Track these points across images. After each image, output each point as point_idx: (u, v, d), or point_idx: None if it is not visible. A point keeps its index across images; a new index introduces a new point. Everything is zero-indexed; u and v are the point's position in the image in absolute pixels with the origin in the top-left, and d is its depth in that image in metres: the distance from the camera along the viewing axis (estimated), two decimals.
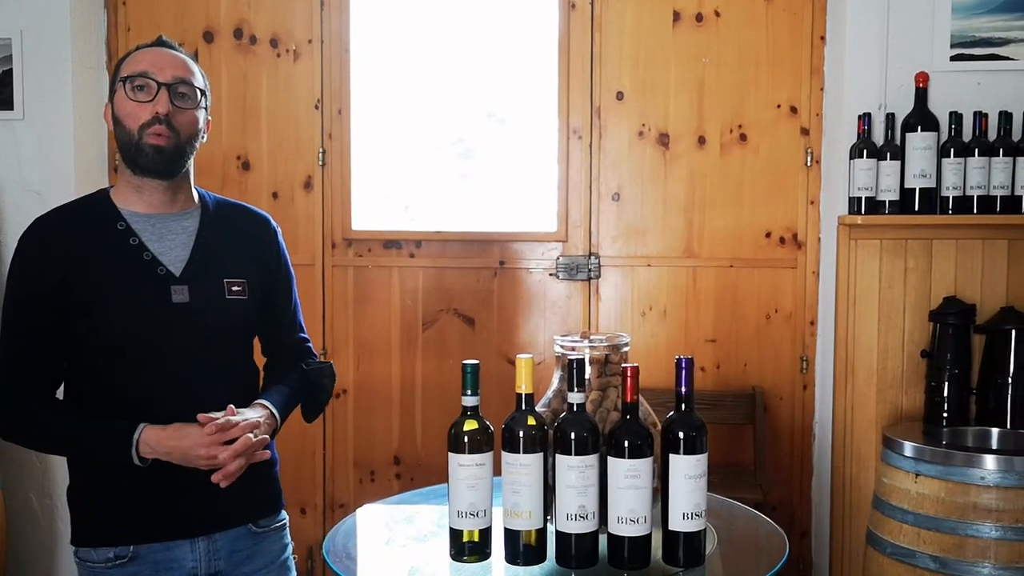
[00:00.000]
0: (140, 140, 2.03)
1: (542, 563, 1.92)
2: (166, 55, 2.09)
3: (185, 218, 2.14)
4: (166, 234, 2.10)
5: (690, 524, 1.88)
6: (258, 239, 2.26)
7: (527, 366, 1.91)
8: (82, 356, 2.07)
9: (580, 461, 1.86)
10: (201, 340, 2.08)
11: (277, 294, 2.29)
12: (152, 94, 2.03)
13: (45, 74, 3.75)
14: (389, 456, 4.01)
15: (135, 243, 2.06)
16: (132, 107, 2.04)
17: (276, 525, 2.25)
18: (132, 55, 2.10)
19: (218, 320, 2.11)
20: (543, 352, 3.86)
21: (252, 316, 2.20)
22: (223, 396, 2.09)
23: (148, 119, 2.02)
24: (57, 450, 2.17)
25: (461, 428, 1.92)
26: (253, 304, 2.18)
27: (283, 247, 2.32)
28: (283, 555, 2.27)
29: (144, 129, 2.02)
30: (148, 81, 2.04)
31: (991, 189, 3.38)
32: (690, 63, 3.80)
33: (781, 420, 3.83)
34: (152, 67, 2.05)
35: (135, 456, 1.97)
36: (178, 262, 2.09)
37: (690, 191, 3.82)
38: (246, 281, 2.16)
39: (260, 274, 2.21)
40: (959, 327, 3.38)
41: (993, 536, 2.86)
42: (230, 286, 2.13)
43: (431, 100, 4.08)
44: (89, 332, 2.03)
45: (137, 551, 2.07)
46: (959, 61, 3.48)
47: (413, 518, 2.28)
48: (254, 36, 3.94)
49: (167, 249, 2.09)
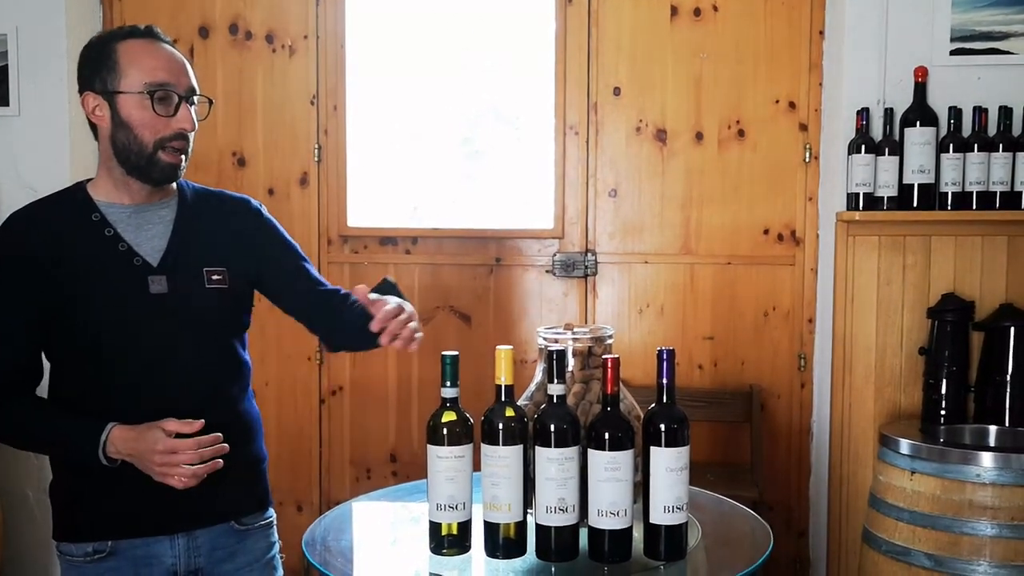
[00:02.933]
0: (155, 154, 2.00)
1: (522, 556, 1.90)
2: (175, 58, 2.05)
3: (162, 208, 2.10)
4: (143, 224, 2.06)
5: (671, 517, 1.85)
6: (239, 224, 2.20)
7: (507, 357, 1.89)
8: (62, 351, 2.05)
9: (560, 453, 1.84)
10: (181, 332, 2.05)
11: (284, 265, 2.24)
12: (172, 107, 2.00)
13: (41, 70, 3.75)
14: (385, 454, 3.99)
15: (110, 234, 2.03)
16: (152, 119, 1.99)
17: (261, 523, 2.22)
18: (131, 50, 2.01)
19: (198, 310, 2.07)
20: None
21: (237, 305, 2.16)
22: (207, 391, 2.07)
23: (169, 134, 2.00)
24: (34, 448, 2.16)
25: (440, 420, 1.90)
26: (237, 292, 2.14)
27: (270, 221, 2.26)
28: (268, 553, 2.24)
29: (163, 143, 2.00)
30: (170, 93, 2.00)
31: (990, 185, 3.35)
32: (688, 58, 3.77)
33: (779, 418, 3.79)
34: (171, 76, 2.01)
35: (102, 457, 1.95)
36: (155, 252, 2.05)
37: (687, 188, 3.79)
38: (227, 270, 2.11)
39: (246, 259, 2.16)
40: (957, 324, 3.35)
41: (989, 534, 2.83)
42: (210, 275, 2.09)
43: (428, 96, 4.06)
44: (66, 326, 2.01)
45: (116, 546, 2.05)
46: (959, 55, 3.45)
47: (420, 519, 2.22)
48: (249, 32, 3.93)
49: (144, 240, 2.05)
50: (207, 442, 1.92)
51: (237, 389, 2.17)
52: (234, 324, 2.19)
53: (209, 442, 1.93)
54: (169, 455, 1.90)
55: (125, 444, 1.94)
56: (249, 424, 2.20)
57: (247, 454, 2.17)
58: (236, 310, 2.17)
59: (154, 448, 1.90)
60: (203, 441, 1.92)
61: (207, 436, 1.93)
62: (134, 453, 1.94)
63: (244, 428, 2.17)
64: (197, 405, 2.02)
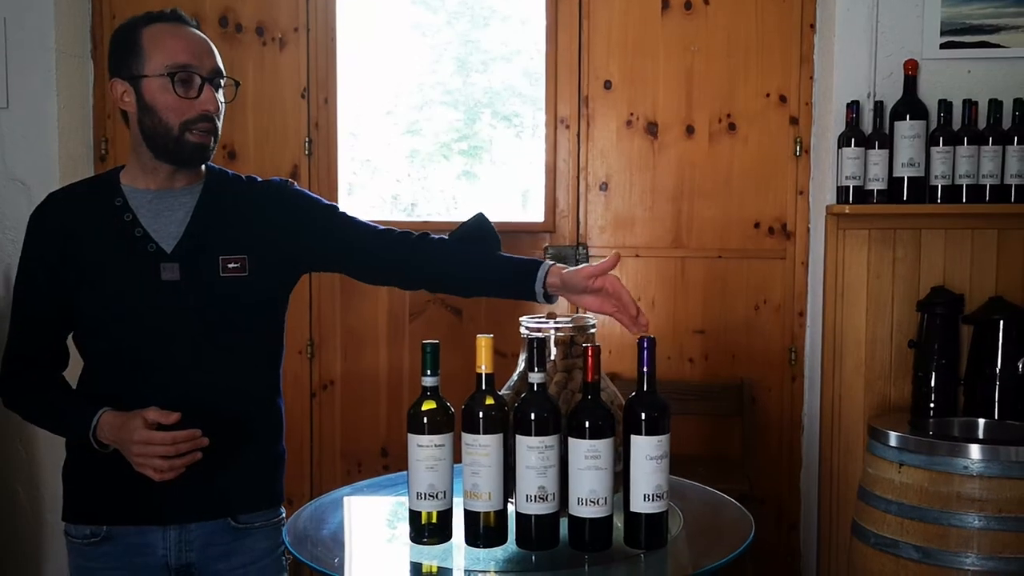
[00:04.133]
0: (182, 136, 1.99)
1: (503, 545, 1.89)
2: (198, 40, 2.04)
3: (185, 194, 2.08)
4: (163, 210, 2.06)
5: (652, 506, 1.84)
6: (263, 207, 2.14)
7: (487, 346, 1.88)
8: (81, 337, 2.08)
9: (540, 442, 1.83)
10: (195, 320, 2.03)
11: (331, 232, 2.16)
12: (196, 89, 1.99)
13: (29, 62, 3.73)
14: (376, 447, 3.99)
15: (129, 219, 2.04)
16: (175, 102, 1.98)
17: (263, 523, 2.17)
18: (156, 34, 2.00)
19: (213, 299, 2.04)
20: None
21: (259, 294, 2.10)
22: (219, 382, 2.06)
23: (194, 116, 1.99)
24: (42, 425, 2.16)
25: (420, 408, 1.90)
26: (260, 280, 2.08)
27: (304, 194, 2.19)
28: (271, 555, 2.19)
29: (189, 126, 1.99)
30: (192, 75, 1.99)
31: (980, 178, 3.34)
32: (679, 52, 3.76)
33: (770, 412, 3.79)
34: (193, 59, 1.99)
35: (93, 441, 1.96)
36: (171, 239, 2.04)
37: (678, 181, 3.79)
38: (246, 257, 2.07)
39: (275, 243, 2.10)
40: (947, 317, 3.35)
41: (976, 526, 2.82)
42: (225, 263, 2.05)
43: (420, 89, 4.06)
44: (81, 310, 2.03)
45: (111, 532, 2.07)
46: (949, 48, 3.44)
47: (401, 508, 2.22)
48: (240, 24, 3.92)
49: (162, 226, 2.04)
50: (182, 437, 1.90)
51: (255, 382, 2.14)
52: (256, 314, 2.13)
53: (184, 437, 1.90)
54: (144, 445, 1.89)
55: (112, 430, 1.94)
56: (262, 421, 2.17)
57: (254, 451, 2.15)
58: (259, 299, 2.11)
59: (132, 438, 1.90)
60: (179, 436, 1.90)
61: (183, 432, 1.90)
62: (117, 440, 1.94)
63: (255, 424, 2.14)
64: (209, 396, 2.02)
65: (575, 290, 2.04)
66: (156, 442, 1.88)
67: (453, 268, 2.17)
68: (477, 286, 2.27)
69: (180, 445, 1.90)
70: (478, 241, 2.18)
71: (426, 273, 2.20)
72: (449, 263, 2.17)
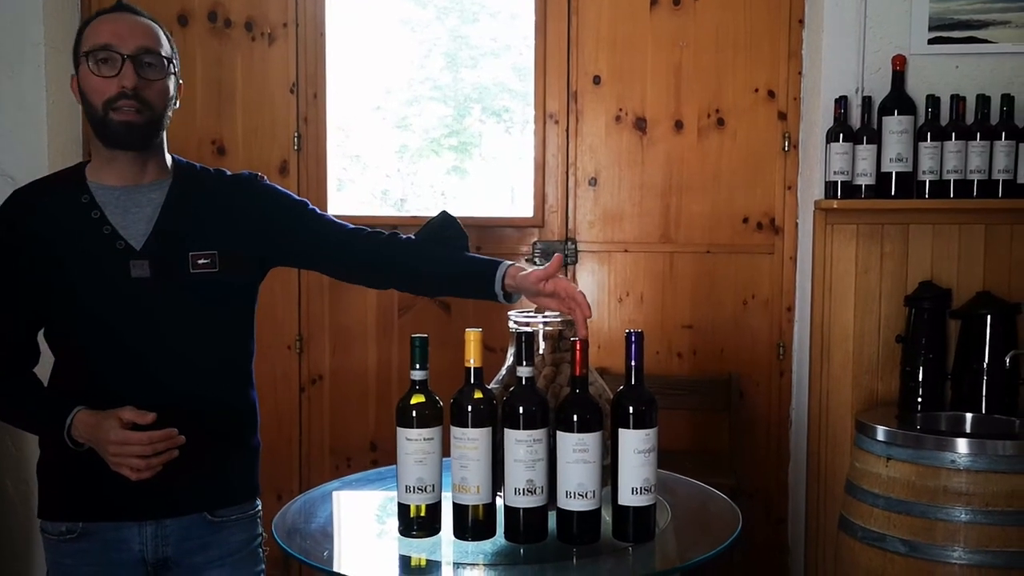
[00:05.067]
0: (107, 116, 1.97)
1: (491, 538, 1.90)
2: (128, 22, 2.00)
3: (153, 190, 2.06)
4: (131, 207, 2.04)
5: (640, 499, 1.86)
6: (231, 201, 2.12)
7: (476, 340, 1.89)
8: (52, 333, 2.06)
9: (528, 435, 1.84)
10: (166, 318, 2.02)
11: (297, 227, 2.16)
12: (117, 68, 1.96)
13: (17, 56, 3.72)
14: (366, 442, 3.99)
15: (96, 216, 2.01)
16: (96, 82, 1.97)
17: (238, 516, 2.16)
18: (92, 24, 2.02)
19: (183, 296, 2.03)
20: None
21: (229, 290, 2.09)
22: (193, 379, 2.05)
23: (114, 94, 1.96)
24: (18, 426, 2.15)
25: (409, 402, 1.90)
26: (229, 277, 2.07)
27: (273, 190, 2.19)
28: (247, 547, 2.18)
29: (110, 104, 1.96)
30: (111, 54, 1.96)
31: (968, 173, 3.36)
32: (667, 47, 3.77)
33: (758, 407, 3.80)
34: (114, 38, 1.97)
35: (68, 440, 1.95)
36: (139, 236, 2.02)
37: (667, 176, 3.79)
38: (216, 252, 2.05)
39: (242, 238, 2.09)
40: (935, 312, 3.36)
41: (963, 520, 2.84)
42: (195, 259, 2.03)
43: (409, 84, 4.06)
44: (51, 308, 2.01)
45: (87, 528, 2.05)
46: (937, 44, 3.45)
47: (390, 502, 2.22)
48: (229, 19, 3.91)
49: (130, 223, 2.02)
50: (159, 437, 1.89)
51: (227, 379, 2.13)
52: (227, 309, 2.12)
53: (161, 437, 1.89)
54: (121, 446, 1.88)
55: (87, 430, 1.93)
56: (235, 416, 2.16)
57: (229, 445, 2.14)
58: (229, 294, 2.10)
59: (107, 438, 1.89)
60: (155, 436, 1.89)
61: (160, 432, 1.89)
62: (92, 440, 1.93)
63: (228, 420, 2.13)
64: (182, 393, 2.01)
65: (528, 293, 2.08)
66: (133, 442, 1.88)
67: (420, 267, 2.18)
68: (439, 286, 2.33)
69: (157, 444, 1.89)
70: (443, 241, 2.20)
71: (396, 273, 2.22)
72: (416, 262, 2.18)
